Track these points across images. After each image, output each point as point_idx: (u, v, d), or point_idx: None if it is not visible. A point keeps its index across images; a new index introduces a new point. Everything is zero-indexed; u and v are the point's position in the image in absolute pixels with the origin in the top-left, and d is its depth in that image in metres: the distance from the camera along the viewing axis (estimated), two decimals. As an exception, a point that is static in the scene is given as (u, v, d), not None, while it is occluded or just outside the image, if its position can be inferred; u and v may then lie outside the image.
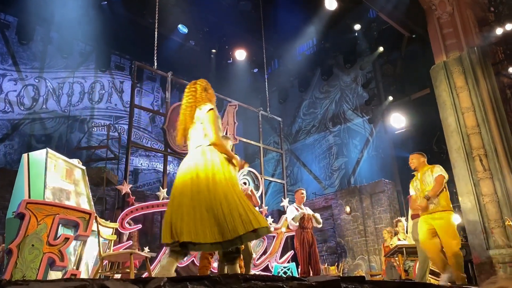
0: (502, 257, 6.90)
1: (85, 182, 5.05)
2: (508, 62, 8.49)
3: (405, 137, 11.04)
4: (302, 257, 6.16)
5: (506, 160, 7.34)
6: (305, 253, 6.14)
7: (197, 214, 2.75)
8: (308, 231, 6.33)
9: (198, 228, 2.71)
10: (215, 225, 2.72)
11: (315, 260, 6.21)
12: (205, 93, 3.33)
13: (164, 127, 8.09)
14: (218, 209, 2.75)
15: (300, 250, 6.20)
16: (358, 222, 10.94)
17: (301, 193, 6.66)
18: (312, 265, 6.16)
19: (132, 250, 4.05)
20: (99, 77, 13.15)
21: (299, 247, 6.24)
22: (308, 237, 6.26)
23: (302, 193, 6.67)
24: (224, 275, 1.98)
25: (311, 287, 1.96)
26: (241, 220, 2.72)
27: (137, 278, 1.97)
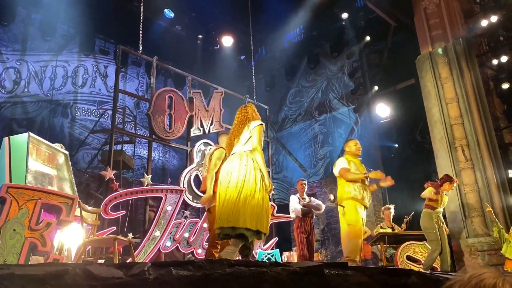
0: (481, 245, 7.06)
1: (68, 167, 4.98)
2: (492, 54, 8.60)
3: (389, 127, 11.15)
4: (300, 244, 6.39)
5: (487, 151, 7.47)
6: (302, 240, 6.39)
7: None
8: (308, 220, 6.54)
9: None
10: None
11: (311, 247, 6.43)
12: (255, 114, 4.02)
13: (149, 113, 8.00)
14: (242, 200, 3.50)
15: (298, 237, 6.43)
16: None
17: (302, 183, 6.91)
18: (309, 251, 6.36)
19: (116, 235, 4.03)
20: (82, 61, 12.89)
21: (297, 234, 6.45)
22: (307, 225, 6.49)
23: (303, 183, 6.90)
24: (209, 260, 1.98)
25: (294, 272, 1.97)
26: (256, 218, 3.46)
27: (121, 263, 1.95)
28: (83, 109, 12.62)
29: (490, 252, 6.83)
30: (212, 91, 9.51)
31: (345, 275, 2.08)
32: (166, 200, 7.16)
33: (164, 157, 13.94)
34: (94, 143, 12.08)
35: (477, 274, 0.77)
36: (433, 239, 5.57)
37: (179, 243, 7.22)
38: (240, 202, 3.46)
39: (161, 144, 10.58)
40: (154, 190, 7.33)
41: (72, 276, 1.63)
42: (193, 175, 8.02)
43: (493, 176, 7.34)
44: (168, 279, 1.75)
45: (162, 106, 8.11)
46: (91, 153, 11.77)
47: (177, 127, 8.25)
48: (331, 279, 2.02)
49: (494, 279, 0.75)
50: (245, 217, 3.40)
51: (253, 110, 4.03)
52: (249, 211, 3.43)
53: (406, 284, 2.24)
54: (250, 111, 4.00)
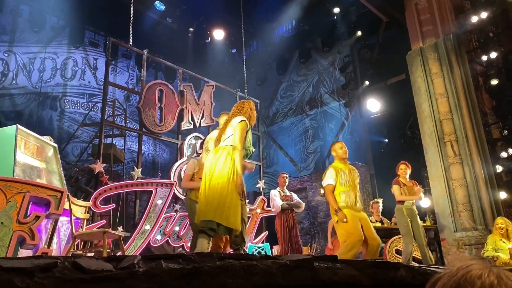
0: (468, 239, 7.16)
1: (57, 160, 4.93)
2: (482, 50, 8.66)
3: (379, 122, 11.20)
4: (281, 238, 6.33)
5: (475, 146, 7.55)
6: (285, 234, 6.30)
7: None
8: (290, 214, 6.48)
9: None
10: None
11: (296, 241, 6.38)
12: (250, 111, 3.95)
13: (139, 106, 7.94)
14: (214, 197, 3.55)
15: (280, 231, 6.36)
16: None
17: (283, 177, 6.85)
18: (293, 246, 6.30)
19: (105, 229, 4.01)
20: (72, 53, 12.74)
21: (279, 228, 6.39)
22: (290, 219, 6.42)
23: (284, 177, 6.85)
24: (199, 253, 1.98)
25: (285, 265, 1.98)
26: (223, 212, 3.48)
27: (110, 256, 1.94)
28: (73, 102, 12.50)
29: (477, 246, 6.93)
30: (203, 84, 9.47)
31: (334, 268, 2.09)
32: (156, 193, 7.14)
33: (154, 151, 13.88)
34: (83, 136, 11.98)
35: (465, 266, 0.78)
36: (404, 233, 5.57)
37: (169, 237, 7.21)
38: (214, 198, 3.52)
39: (152, 138, 10.53)
40: (144, 184, 7.30)
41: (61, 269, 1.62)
42: (183, 168, 7.99)
43: (481, 171, 7.43)
44: (158, 272, 1.75)
45: (152, 99, 8.05)
46: (81, 146, 11.68)
47: (168, 120, 8.21)
48: (321, 272, 2.04)
49: (481, 270, 0.76)
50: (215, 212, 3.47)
51: (249, 108, 3.97)
52: (220, 207, 3.48)
53: (395, 277, 2.26)
54: (246, 107, 3.95)
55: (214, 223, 3.47)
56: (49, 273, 1.57)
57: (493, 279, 0.75)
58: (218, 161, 3.64)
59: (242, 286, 1.83)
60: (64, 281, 1.56)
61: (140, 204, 7.90)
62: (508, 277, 0.76)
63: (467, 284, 0.75)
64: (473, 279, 0.75)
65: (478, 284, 0.74)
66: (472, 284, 0.75)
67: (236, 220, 3.50)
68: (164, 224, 7.16)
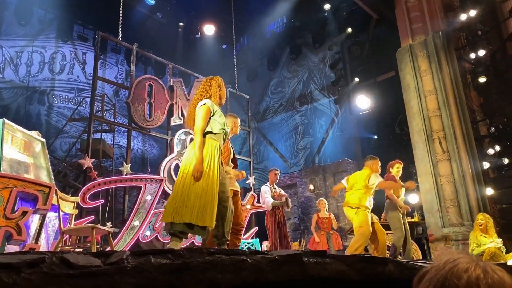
0: (456, 235, 7.24)
1: (45, 155, 4.88)
2: (470, 48, 8.73)
3: (369, 118, 11.26)
4: (272, 234, 6.32)
5: (463, 143, 7.63)
6: (275, 230, 6.31)
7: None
8: (280, 210, 6.48)
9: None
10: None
11: (285, 237, 6.38)
12: (219, 90, 3.57)
13: (128, 101, 7.89)
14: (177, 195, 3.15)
15: (271, 227, 6.35)
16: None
17: (275, 173, 6.81)
18: (282, 242, 6.30)
19: (94, 224, 3.98)
20: (60, 47, 12.59)
21: (270, 224, 6.38)
22: (280, 215, 6.42)
23: (276, 173, 6.81)
24: (188, 249, 1.97)
25: (274, 260, 1.99)
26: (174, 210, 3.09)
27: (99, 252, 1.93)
28: (61, 96, 12.36)
29: (464, 242, 7.01)
30: (193, 80, 9.43)
31: (324, 263, 2.10)
32: (146, 189, 7.11)
33: (144, 146, 13.80)
34: (72, 131, 11.87)
35: (452, 260, 0.79)
36: (397, 227, 5.67)
37: (158, 233, 7.20)
38: (182, 195, 3.12)
39: (141, 133, 10.46)
40: (134, 179, 7.26)
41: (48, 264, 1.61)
42: (173, 164, 7.97)
43: (469, 167, 7.51)
44: (147, 268, 1.74)
45: (141, 94, 8.01)
46: (69, 142, 11.57)
47: (157, 115, 8.17)
48: (310, 267, 2.04)
49: (467, 264, 0.77)
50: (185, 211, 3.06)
51: (218, 85, 3.57)
52: (190, 204, 3.07)
53: (383, 272, 2.28)
54: (214, 85, 3.55)
55: (180, 225, 3.06)
56: (36, 269, 1.55)
57: (479, 273, 0.76)
58: (185, 157, 3.34)
59: (232, 281, 1.84)
60: (52, 277, 1.55)
61: (129, 199, 7.86)
62: (494, 270, 0.77)
63: (454, 278, 0.76)
64: (459, 272, 0.76)
65: (464, 277, 0.75)
66: (458, 278, 0.76)
67: (203, 216, 3.06)
68: (153, 220, 7.13)
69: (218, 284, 1.81)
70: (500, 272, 0.77)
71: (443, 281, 0.77)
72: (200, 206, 3.06)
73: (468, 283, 0.74)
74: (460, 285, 0.75)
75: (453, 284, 0.75)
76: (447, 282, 0.76)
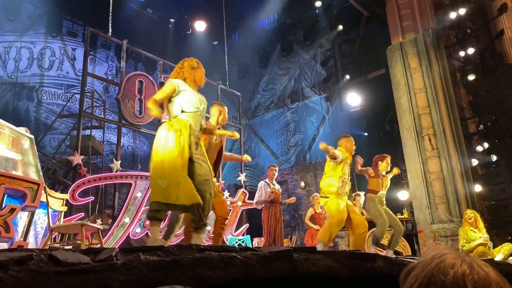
0: (445, 231, 7.32)
1: (34, 152, 4.83)
2: (460, 46, 8.81)
3: (359, 116, 11.32)
4: (267, 230, 6.33)
5: (452, 140, 7.70)
6: (271, 226, 6.32)
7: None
8: (277, 207, 6.48)
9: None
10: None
11: (280, 235, 6.39)
12: (192, 71, 3.48)
13: (118, 97, 7.83)
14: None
15: (267, 223, 6.35)
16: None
17: (273, 169, 6.82)
18: (277, 239, 6.31)
19: (83, 221, 3.95)
20: (49, 43, 12.45)
21: (266, 220, 6.38)
22: (277, 212, 6.43)
23: (274, 169, 6.82)
24: (178, 246, 1.97)
25: (264, 257, 1.99)
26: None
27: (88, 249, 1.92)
28: (50, 92, 12.24)
29: (453, 238, 7.09)
30: (184, 76, 9.37)
31: (313, 260, 2.11)
32: (136, 186, 7.07)
33: (134, 143, 13.73)
34: (61, 128, 11.75)
35: (439, 255, 0.80)
36: (377, 214, 5.56)
37: (149, 230, 7.16)
38: (152, 175, 3.14)
39: (131, 130, 10.40)
40: (124, 176, 7.22)
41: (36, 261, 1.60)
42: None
43: (458, 164, 7.59)
44: (136, 265, 1.74)
45: (132, 91, 7.95)
46: (59, 138, 11.46)
47: (148, 112, 8.12)
48: (300, 264, 2.05)
49: (454, 259, 0.78)
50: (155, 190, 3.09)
51: (191, 67, 3.50)
52: (155, 183, 3.09)
53: (372, 268, 2.30)
54: (187, 67, 3.49)
55: (154, 203, 3.06)
56: (24, 266, 1.54)
57: (466, 269, 0.76)
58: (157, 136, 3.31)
59: (221, 277, 1.84)
60: (40, 274, 1.54)
61: (120, 196, 7.82)
62: (480, 266, 0.78)
63: (440, 274, 0.77)
64: (446, 268, 0.77)
65: (451, 273, 0.76)
66: (445, 274, 0.76)
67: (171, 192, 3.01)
68: (143, 217, 7.10)
69: (208, 281, 1.81)
70: (486, 268, 0.78)
71: (429, 277, 0.77)
72: (164, 183, 3.03)
73: (454, 279, 0.75)
74: (446, 281, 0.75)
75: (440, 280, 0.76)
76: (433, 278, 0.77)
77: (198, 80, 3.53)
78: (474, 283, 0.74)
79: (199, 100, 3.41)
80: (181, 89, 3.35)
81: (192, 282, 1.77)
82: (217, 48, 14.07)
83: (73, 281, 1.57)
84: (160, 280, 1.70)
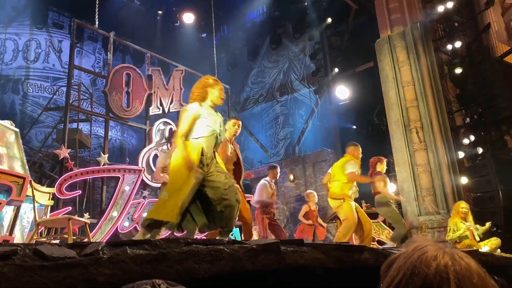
0: (431, 223, 7.41)
1: (19, 145, 4.77)
2: (447, 39, 8.86)
3: (348, 109, 11.36)
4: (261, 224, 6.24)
5: (440, 133, 7.78)
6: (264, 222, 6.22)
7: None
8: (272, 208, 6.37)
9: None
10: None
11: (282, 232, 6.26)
12: (208, 90, 3.45)
13: (105, 90, 7.75)
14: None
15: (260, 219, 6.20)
16: (300, 190, 11.25)
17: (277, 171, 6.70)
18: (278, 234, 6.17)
19: (70, 215, 3.92)
20: (35, 35, 12.24)
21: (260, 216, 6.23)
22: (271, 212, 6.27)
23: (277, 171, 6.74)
24: (165, 239, 1.96)
25: (251, 250, 2.00)
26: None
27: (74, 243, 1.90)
28: (36, 85, 12.06)
29: (439, 229, 7.18)
30: (172, 69, 9.32)
31: (301, 252, 2.12)
32: (124, 180, 7.03)
33: (122, 137, 13.62)
34: (48, 121, 11.61)
35: (420, 247, 0.81)
36: (399, 219, 5.88)
37: (137, 223, 7.14)
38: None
39: (119, 123, 10.31)
40: (112, 170, 7.18)
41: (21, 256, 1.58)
42: (152, 154, 7.89)
43: (445, 157, 7.67)
44: (123, 258, 1.73)
45: (119, 83, 7.88)
46: (45, 132, 11.32)
47: (135, 105, 8.06)
48: (287, 256, 2.06)
49: (436, 251, 0.79)
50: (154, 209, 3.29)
51: (206, 85, 3.48)
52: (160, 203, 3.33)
53: (359, 260, 2.32)
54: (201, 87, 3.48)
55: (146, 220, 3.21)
56: (8, 261, 1.52)
57: (448, 260, 0.77)
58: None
59: (209, 271, 1.84)
60: (25, 269, 1.52)
61: (108, 190, 7.76)
62: (461, 257, 0.79)
63: (423, 265, 0.77)
64: (428, 260, 0.78)
65: (433, 265, 0.77)
66: (428, 266, 0.77)
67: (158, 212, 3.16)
68: (132, 210, 7.07)
69: (195, 274, 1.81)
70: (467, 259, 0.79)
71: (412, 269, 0.78)
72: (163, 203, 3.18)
73: (437, 271, 0.76)
74: (429, 272, 0.76)
75: (423, 272, 0.77)
76: (416, 270, 0.77)
77: (215, 100, 3.50)
78: (456, 274, 0.75)
79: (214, 122, 3.40)
80: (198, 115, 3.36)
81: (179, 276, 1.77)
82: (206, 40, 13.98)
83: (59, 276, 1.55)
84: (146, 274, 1.70)
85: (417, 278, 0.76)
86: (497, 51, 8.79)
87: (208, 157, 3.32)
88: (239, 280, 2.00)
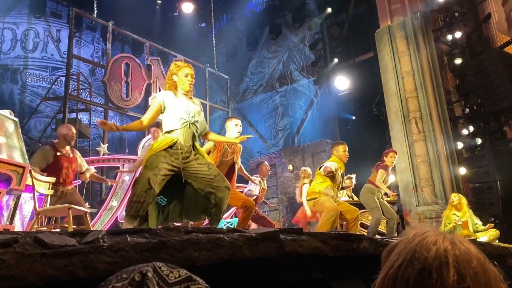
0: (430, 213, 7.45)
1: (18, 135, 4.76)
2: (447, 30, 8.82)
3: (347, 99, 11.34)
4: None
5: (439, 124, 7.78)
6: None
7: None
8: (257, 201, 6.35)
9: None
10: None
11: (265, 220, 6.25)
12: (175, 77, 3.25)
13: (104, 79, 7.73)
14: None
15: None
16: (299, 180, 11.27)
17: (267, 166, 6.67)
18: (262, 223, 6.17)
19: (70, 204, 3.92)
20: (33, 24, 12.17)
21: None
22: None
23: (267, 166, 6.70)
24: (165, 228, 1.97)
25: (251, 238, 2.01)
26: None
27: (74, 231, 1.91)
28: (35, 75, 12.02)
29: (437, 219, 7.22)
30: (171, 59, 9.28)
31: (300, 240, 2.13)
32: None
33: (121, 127, 13.59)
34: (47, 111, 11.59)
35: (420, 233, 0.81)
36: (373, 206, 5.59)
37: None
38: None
39: (118, 113, 10.29)
40: (111, 160, 7.18)
41: (22, 244, 1.59)
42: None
43: (443, 148, 7.68)
44: (123, 247, 1.74)
45: (118, 73, 7.85)
46: (44, 122, 11.31)
47: (135, 95, 8.04)
48: (286, 244, 2.08)
49: (436, 236, 0.79)
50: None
51: (172, 73, 3.27)
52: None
53: (358, 249, 2.33)
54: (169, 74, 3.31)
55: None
56: (9, 249, 1.53)
57: (447, 245, 0.78)
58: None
59: (209, 258, 1.85)
60: (25, 257, 1.53)
61: (107, 180, 7.76)
62: (461, 242, 0.79)
63: (423, 250, 0.78)
64: (428, 245, 0.78)
65: (433, 249, 0.77)
66: (427, 250, 0.78)
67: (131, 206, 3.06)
68: (132, 200, 7.08)
69: (195, 262, 1.82)
70: (467, 244, 0.79)
71: (412, 253, 0.79)
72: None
73: (437, 255, 0.77)
74: (429, 257, 0.77)
75: (422, 256, 0.77)
76: (416, 255, 0.78)
77: (182, 87, 3.26)
78: (456, 258, 0.76)
79: (187, 112, 3.18)
80: (167, 105, 3.17)
81: (179, 264, 1.78)
82: (205, 30, 13.91)
83: (59, 263, 1.56)
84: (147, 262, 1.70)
85: (417, 262, 0.77)
86: (498, 42, 8.75)
87: (186, 150, 3.15)
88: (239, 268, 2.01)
